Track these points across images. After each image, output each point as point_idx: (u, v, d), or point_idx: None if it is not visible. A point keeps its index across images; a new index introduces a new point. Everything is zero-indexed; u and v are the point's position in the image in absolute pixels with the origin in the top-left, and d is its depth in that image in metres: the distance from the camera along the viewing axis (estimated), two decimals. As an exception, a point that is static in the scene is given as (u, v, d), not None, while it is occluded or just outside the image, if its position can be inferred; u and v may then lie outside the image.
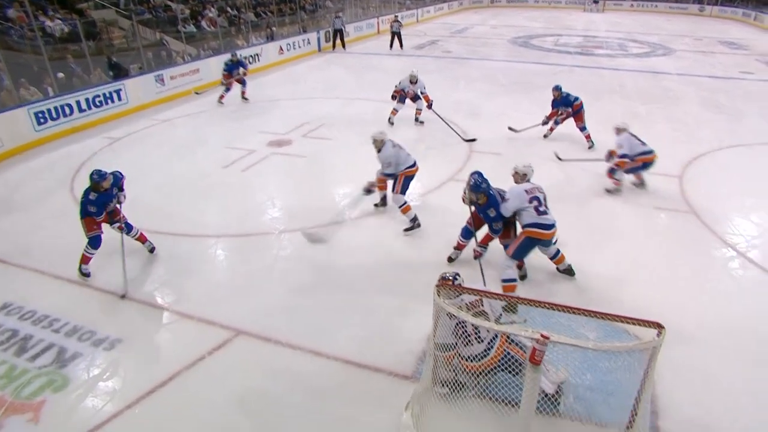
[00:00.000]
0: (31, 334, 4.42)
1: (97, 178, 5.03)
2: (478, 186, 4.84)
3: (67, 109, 9.87)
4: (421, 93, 9.64)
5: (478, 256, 5.12)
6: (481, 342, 3.48)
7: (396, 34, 18.98)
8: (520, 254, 4.81)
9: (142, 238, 5.56)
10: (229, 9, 17.43)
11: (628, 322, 2.91)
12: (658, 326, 2.86)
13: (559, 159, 8.13)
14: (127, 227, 5.40)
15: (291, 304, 4.85)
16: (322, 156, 8.62)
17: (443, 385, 3.60)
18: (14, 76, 9.66)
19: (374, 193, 6.26)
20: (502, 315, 3.69)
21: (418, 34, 23.19)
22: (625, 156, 6.79)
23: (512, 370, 3.31)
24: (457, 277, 3.76)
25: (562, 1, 37.76)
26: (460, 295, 3.52)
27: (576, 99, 8.71)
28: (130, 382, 3.94)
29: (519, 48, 19.79)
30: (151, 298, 4.97)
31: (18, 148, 8.98)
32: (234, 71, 11.63)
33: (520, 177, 5.05)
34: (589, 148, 8.57)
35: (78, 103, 10.07)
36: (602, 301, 4.69)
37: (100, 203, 5.04)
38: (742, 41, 21.58)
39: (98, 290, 5.06)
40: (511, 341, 3.48)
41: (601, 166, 7.13)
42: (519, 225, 4.88)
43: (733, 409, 3.66)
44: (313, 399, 3.75)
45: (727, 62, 16.93)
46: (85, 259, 5.18)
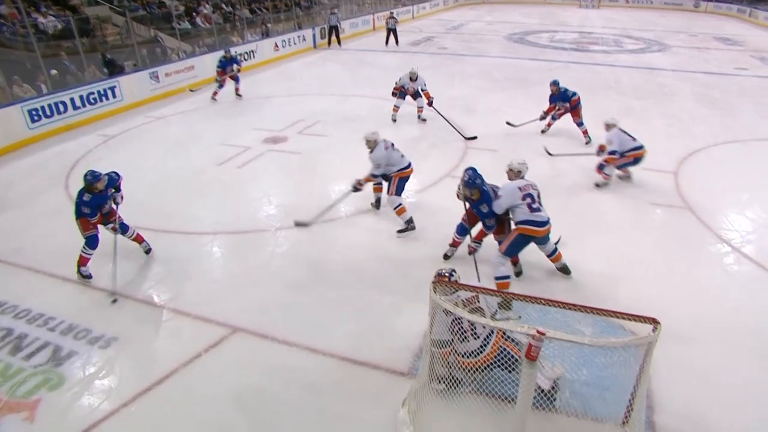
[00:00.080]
0: (25, 333, 4.40)
1: (91, 179, 4.89)
2: (472, 182, 4.84)
3: (61, 107, 9.81)
4: (422, 90, 9.57)
5: (473, 252, 5.13)
6: (477, 338, 3.49)
7: (391, 31, 18.94)
8: (512, 251, 4.81)
9: (138, 239, 5.48)
10: (223, 5, 17.34)
11: (624, 318, 2.92)
12: (654, 321, 2.88)
13: (549, 154, 8.16)
14: (123, 228, 5.30)
15: (287, 301, 4.85)
16: (318, 153, 8.60)
17: (440, 382, 3.61)
18: (7, 73, 9.61)
19: (361, 191, 6.10)
20: (497, 311, 3.70)
21: (414, 31, 23.15)
22: (615, 152, 6.83)
23: (508, 367, 3.32)
24: (453, 274, 3.77)
25: (558, -3, 37.65)
26: (457, 291, 3.52)
27: (574, 94, 8.72)
28: (127, 380, 3.93)
29: (514, 44, 19.79)
30: (146, 296, 4.96)
31: (11, 145, 8.93)
32: (228, 68, 11.59)
33: (515, 174, 5.04)
34: (587, 143, 8.58)
35: (72, 100, 10.01)
36: (598, 298, 4.71)
37: (94, 205, 4.93)
38: (737, 37, 21.63)
39: (94, 288, 5.04)
40: (507, 338, 3.49)
41: (593, 160, 7.15)
42: (512, 222, 4.89)
43: (728, 403, 3.68)
44: (309, 396, 3.75)
45: (721, 58, 16.97)
46: (83, 261, 5.09)
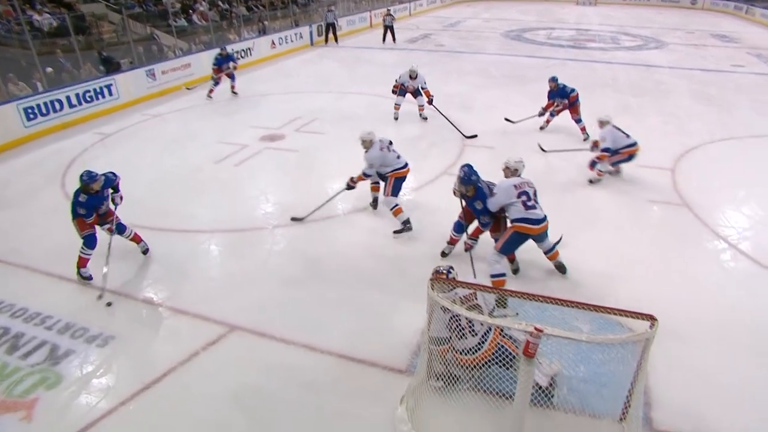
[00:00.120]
0: (22, 332, 4.39)
1: (87, 179, 4.79)
2: (468, 178, 4.85)
3: (57, 105, 9.77)
4: (422, 88, 9.50)
5: (469, 249, 5.14)
6: (475, 335, 3.49)
7: (389, 28, 18.90)
8: (507, 249, 4.81)
9: (136, 239, 5.44)
10: (220, 3, 17.29)
11: (621, 315, 2.93)
12: (651, 318, 2.89)
13: (543, 150, 8.18)
14: (120, 228, 5.24)
15: (285, 299, 4.84)
16: (315, 150, 8.59)
17: (438, 379, 3.61)
18: (2, 71, 9.57)
19: (355, 189, 6.07)
20: (495, 308, 3.71)
21: (411, 28, 23.11)
22: (608, 150, 6.86)
23: (506, 364, 3.33)
24: (451, 271, 3.77)
25: (555, -6, 37.63)
26: (454, 288, 3.53)
27: (572, 90, 8.73)
28: (124, 379, 3.92)
29: (511, 41, 19.77)
30: (144, 295, 4.95)
31: (7, 144, 8.89)
32: (224, 65, 11.55)
33: (511, 172, 5.03)
34: (585, 140, 8.58)
35: (68, 98, 9.97)
36: (596, 295, 4.71)
37: (90, 206, 4.86)
38: (734, 34, 21.65)
39: (91, 287, 5.01)
40: (505, 335, 3.50)
41: (589, 157, 7.19)
42: (508, 220, 4.89)
43: (724, 400, 3.69)
44: (307, 394, 3.75)
45: (718, 55, 16.99)
46: (83, 262, 5.03)
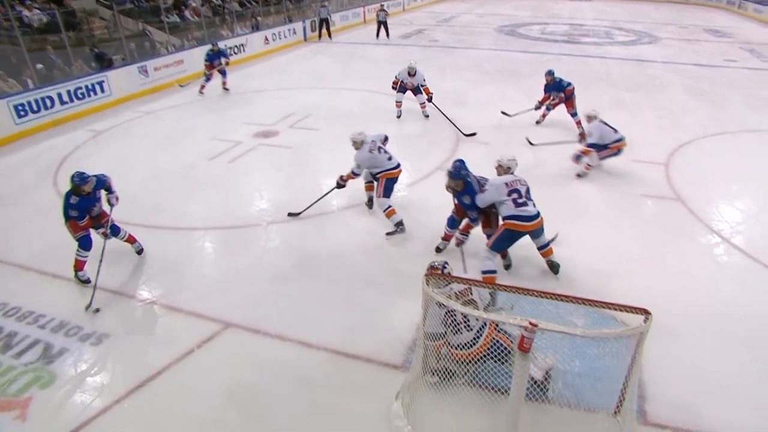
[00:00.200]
0: (15, 331, 4.36)
1: (79, 181, 4.67)
2: (457, 172, 4.86)
3: (49, 102, 9.69)
4: (421, 86, 9.40)
5: (460, 244, 5.14)
6: (471, 330, 3.50)
7: (382, 23, 18.85)
8: (499, 246, 4.80)
9: (130, 239, 5.37)
10: (212, -2, 17.18)
11: (616, 309, 2.94)
12: (645, 312, 2.90)
13: (531, 144, 8.19)
14: (115, 230, 5.15)
15: (280, 296, 4.83)
16: (309, 147, 8.56)
17: (433, 374, 3.62)
18: (-8, 67, 9.48)
19: (345, 187, 6.02)
20: (490, 303, 3.71)
21: (405, 23, 23.07)
22: (593, 145, 6.91)
23: (501, 358, 3.33)
24: (446, 266, 3.77)
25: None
26: (449, 284, 3.53)
27: (568, 84, 8.73)
28: (119, 377, 3.91)
29: (505, 36, 19.76)
30: (138, 292, 4.93)
31: (-2, 141, 8.82)
32: (215, 61, 11.49)
33: (504, 170, 5.00)
34: (580, 134, 8.59)
35: (59, 95, 9.89)
36: (590, 290, 4.72)
37: (82, 208, 4.75)
38: (726, 29, 21.73)
39: (85, 286, 4.97)
40: (500, 329, 3.50)
41: (578, 149, 7.23)
42: (499, 217, 4.88)
43: (718, 393, 3.72)
44: (303, 390, 3.75)
45: (711, 50, 17.05)
46: (80, 264, 4.93)
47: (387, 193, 5.81)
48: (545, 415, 3.43)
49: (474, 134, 8.81)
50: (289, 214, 6.20)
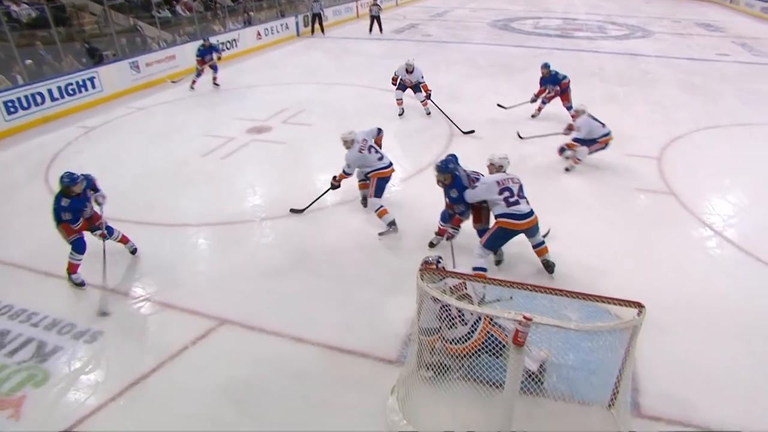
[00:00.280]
0: (8, 329, 4.33)
1: (68, 181, 4.60)
2: (445, 166, 4.87)
3: (39, 98, 9.59)
4: (420, 83, 9.28)
5: (450, 238, 5.14)
6: (465, 324, 3.51)
7: (375, 18, 18.78)
8: (492, 245, 4.80)
9: (123, 240, 5.30)
10: (204, -7, 17.02)
11: (609, 303, 2.96)
12: (639, 306, 2.92)
13: (521, 138, 8.20)
14: (109, 231, 5.09)
15: (274, 292, 4.82)
16: (302, 142, 8.53)
17: (428, 369, 3.63)
18: (-20, 63, 9.37)
19: (339, 187, 6.04)
20: (484, 297, 3.72)
21: (398, 18, 22.99)
22: (578, 140, 6.97)
23: (496, 352, 3.34)
24: (440, 261, 3.77)
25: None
26: (444, 278, 3.53)
27: (564, 77, 8.74)
28: (113, 374, 3.89)
29: (499, 31, 19.74)
30: (132, 290, 4.90)
31: (-12, 138, 8.74)
32: (207, 56, 11.42)
33: (496, 169, 4.98)
34: (568, 126, 8.58)
35: (50, 91, 9.79)
36: (583, 284, 4.74)
37: (75, 209, 4.67)
38: (719, 23, 21.80)
39: (80, 288, 4.90)
40: (494, 323, 3.51)
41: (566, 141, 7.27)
42: (492, 215, 4.87)
43: (711, 385, 3.75)
44: (298, 385, 3.75)
45: (703, 44, 17.10)
46: (73, 268, 4.84)
47: (378, 192, 5.75)
48: (540, 408, 3.44)
49: (472, 131, 8.75)
50: (292, 210, 6.16)
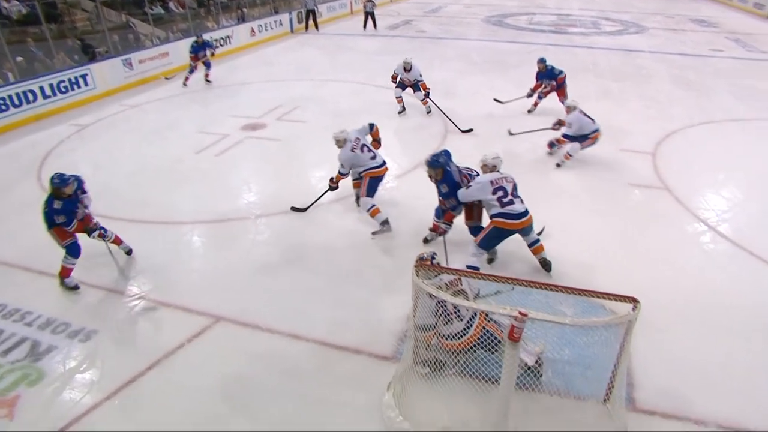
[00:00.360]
0: (1, 329, 4.30)
1: (59, 182, 4.50)
2: (435, 161, 4.89)
3: (30, 96, 9.51)
4: (418, 81, 9.19)
5: (443, 233, 5.14)
6: (461, 320, 3.51)
7: (369, 14, 18.73)
8: (487, 244, 4.80)
9: (117, 241, 5.22)
10: (197, -11, 16.92)
11: (604, 298, 2.96)
12: (634, 301, 2.93)
13: (511, 134, 8.19)
14: (103, 231, 5.02)
15: (269, 289, 4.81)
16: (297, 139, 8.50)
17: (424, 365, 3.63)
18: (-30, 61, 9.28)
19: (337, 189, 6.02)
20: (479, 292, 3.72)
21: (392, 14, 22.94)
22: (567, 136, 7.02)
23: (491, 348, 3.35)
24: (435, 257, 3.77)
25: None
26: (439, 275, 3.53)
27: (560, 72, 8.74)
28: (108, 373, 3.87)
29: (493, 27, 19.73)
30: (126, 288, 4.88)
31: (-21, 136, 8.66)
32: (200, 53, 11.36)
33: (489, 169, 4.95)
34: (558, 121, 8.57)
35: (42, 89, 9.71)
36: (577, 280, 4.75)
37: (68, 211, 4.56)
38: (712, 19, 21.87)
39: (73, 291, 4.84)
40: (490, 319, 3.52)
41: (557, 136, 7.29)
42: (486, 214, 4.87)
43: (705, 380, 3.77)
44: (294, 382, 3.74)
45: (697, 40, 17.16)
46: (67, 272, 4.74)
47: (371, 192, 5.71)
48: (535, 404, 3.45)
49: (470, 130, 8.65)
50: (293, 209, 6.13)
